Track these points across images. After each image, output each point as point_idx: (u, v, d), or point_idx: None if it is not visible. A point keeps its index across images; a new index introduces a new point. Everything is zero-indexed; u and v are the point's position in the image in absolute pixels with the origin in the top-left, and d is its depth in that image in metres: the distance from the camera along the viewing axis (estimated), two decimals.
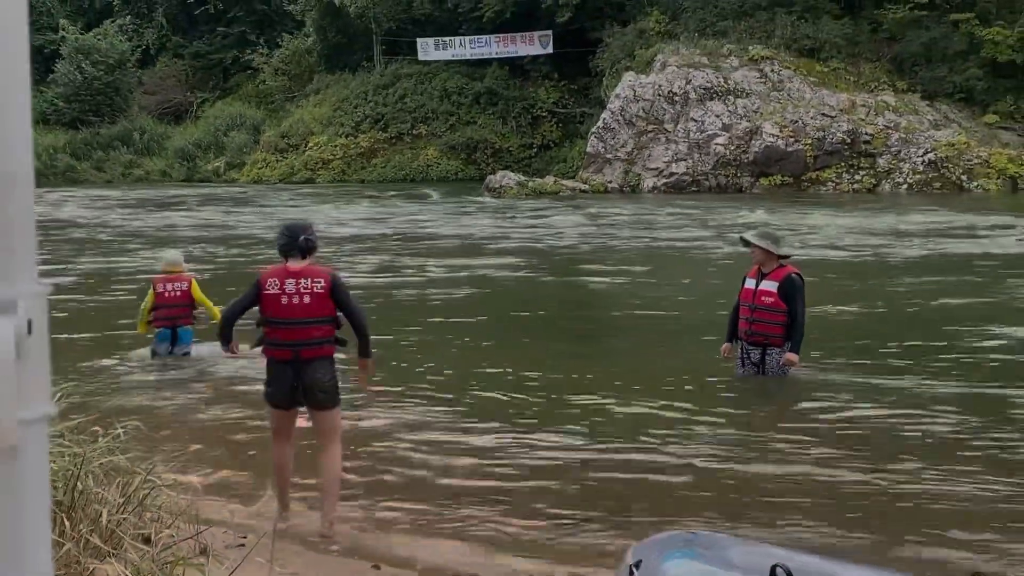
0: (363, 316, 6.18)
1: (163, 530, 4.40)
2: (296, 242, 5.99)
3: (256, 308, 6.11)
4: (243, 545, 5.01)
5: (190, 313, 10.82)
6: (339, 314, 6.05)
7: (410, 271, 17.68)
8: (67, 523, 4.13)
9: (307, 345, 5.92)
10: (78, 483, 4.31)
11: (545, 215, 28.34)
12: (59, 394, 5.12)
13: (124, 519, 4.35)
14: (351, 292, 6.31)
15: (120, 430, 4.82)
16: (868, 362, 10.06)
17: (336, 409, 6.10)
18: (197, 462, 7.26)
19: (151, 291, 10.75)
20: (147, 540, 4.36)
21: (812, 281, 9.97)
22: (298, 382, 5.89)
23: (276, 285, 5.91)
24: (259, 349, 6.16)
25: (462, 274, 17.34)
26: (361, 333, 6.12)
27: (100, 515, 4.21)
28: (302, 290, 5.88)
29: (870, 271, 17.01)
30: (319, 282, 5.92)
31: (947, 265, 17.43)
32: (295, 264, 5.98)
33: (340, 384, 6.14)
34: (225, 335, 6.25)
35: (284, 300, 5.89)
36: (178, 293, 10.67)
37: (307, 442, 6.65)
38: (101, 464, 4.56)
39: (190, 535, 4.51)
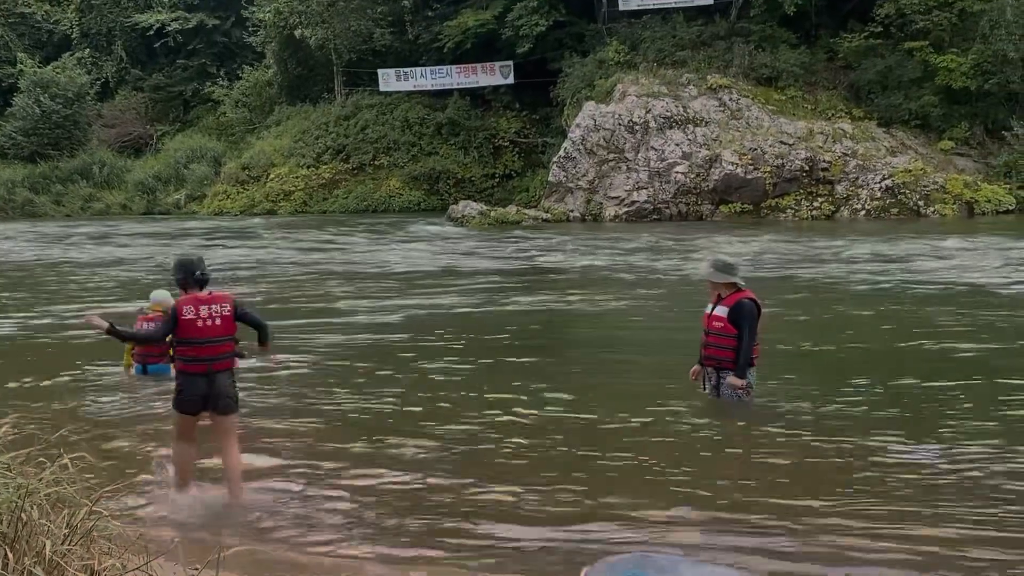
0: (263, 320, 7.45)
1: (108, 561, 4.33)
2: (194, 276, 7.14)
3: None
4: None
5: (162, 351, 10.78)
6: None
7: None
8: (10, 555, 4.06)
9: (218, 359, 7.06)
10: (22, 514, 4.24)
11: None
12: (5, 425, 5.05)
13: (69, 551, 4.27)
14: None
15: (67, 460, 4.75)
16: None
17: (236, 414, 7.28)
18: (146, 493, 7.21)
19: None
20: (93, 572, 4.28)
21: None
22: (209, 391, 7.00)
23: (192, 311, 6.98)
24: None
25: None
26: (262, 329, 7.39)
27: (44, 547, 4.14)
28: (214, 314, 7.02)
29: None
30: (225, 306, 7.10)
31: None
32: (199, 293, 7.10)
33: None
34: (119, 334, 7.23)
35: (200, 324, 6.98)
36: None
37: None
38: (47, 495, 4.49)
39: (137, 566, 4.43)
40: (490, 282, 20.01)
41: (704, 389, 9.37)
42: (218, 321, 7.01)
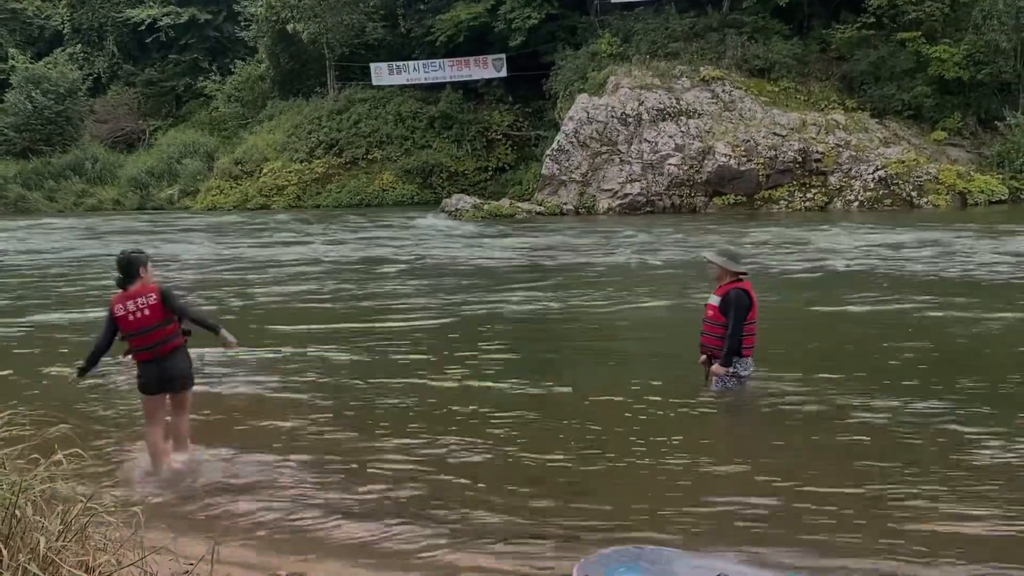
0: (193, 311, 7.86)
1: (103, 558, 4.33)
2: (125, 272, 7.58)
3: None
4: (188, 573, 4.93)
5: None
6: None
7: None
8: (5, 552, 4.06)
9: (162, 343, 7.55)
10: (16, 511, 4.24)
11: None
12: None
13: (64, 547, 4.27)
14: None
15: (61, 456, 4.74)
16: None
17: (191, 390, 7.82)
18: (140, 488, 7.21)
19: None
20: (88, 569, 4.28)
21: None
22: (163, 373, 7.56)
23: (122, 308, 7.51)
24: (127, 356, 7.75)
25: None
26: (201, 324, 7.74)
27: (39, 544, 4.14)
28: (140, 306, 7.50)
29: None
30: (151, 296, 7.54)
31: None
32: (130, 287, 7.56)
33: None
34: (91, 365, 7.68)
35: (131, 317, 7.48)
36: None
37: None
38: (41, 492, 4.48)
39: (133, 562, 4.43)
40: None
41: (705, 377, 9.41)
42: (147, 311, 7.48)
